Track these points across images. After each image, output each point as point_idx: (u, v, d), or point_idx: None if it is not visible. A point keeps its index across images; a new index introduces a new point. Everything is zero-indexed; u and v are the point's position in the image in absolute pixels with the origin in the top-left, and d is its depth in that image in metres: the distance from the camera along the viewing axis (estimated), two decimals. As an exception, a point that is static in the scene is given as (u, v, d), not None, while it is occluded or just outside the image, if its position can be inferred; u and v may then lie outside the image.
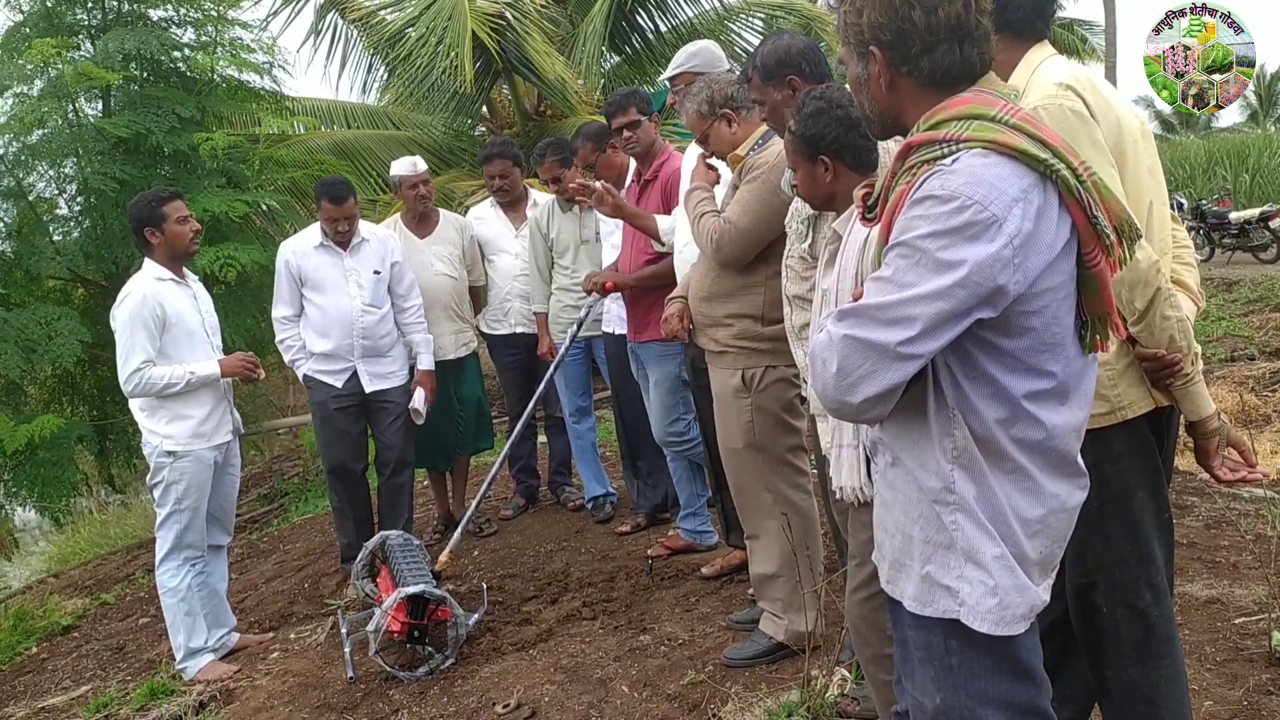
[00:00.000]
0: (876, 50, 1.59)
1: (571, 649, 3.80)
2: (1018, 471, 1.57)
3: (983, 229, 1.44)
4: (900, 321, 1.47)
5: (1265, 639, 3.12)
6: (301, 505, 7.94)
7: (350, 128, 11.39)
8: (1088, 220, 1.52)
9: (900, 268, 1.49)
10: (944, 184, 1.47)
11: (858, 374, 1.50)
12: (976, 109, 1.53)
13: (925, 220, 1.47)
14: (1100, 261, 1.55)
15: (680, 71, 3.99)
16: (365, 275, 4.77)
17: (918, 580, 1.64)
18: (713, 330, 3.40)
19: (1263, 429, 6.44)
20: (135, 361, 4.01)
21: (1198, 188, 20.40)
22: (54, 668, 4.97)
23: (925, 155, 1.53)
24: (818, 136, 2.42)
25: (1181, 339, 2.02)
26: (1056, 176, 1.49)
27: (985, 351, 1.54)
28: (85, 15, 7.30)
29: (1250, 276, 11.71)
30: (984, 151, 1.48)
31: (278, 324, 4.81)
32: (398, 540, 4.28)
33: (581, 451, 5.32)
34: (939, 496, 1.59)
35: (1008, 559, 1.57)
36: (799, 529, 3.30)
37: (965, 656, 1.62)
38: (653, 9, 11.19)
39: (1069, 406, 1.60)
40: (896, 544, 1.69)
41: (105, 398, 7.63)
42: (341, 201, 4.70)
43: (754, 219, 3.20)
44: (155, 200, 4.15)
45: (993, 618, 1.57)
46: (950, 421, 1.57)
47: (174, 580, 4.16)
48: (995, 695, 1.62)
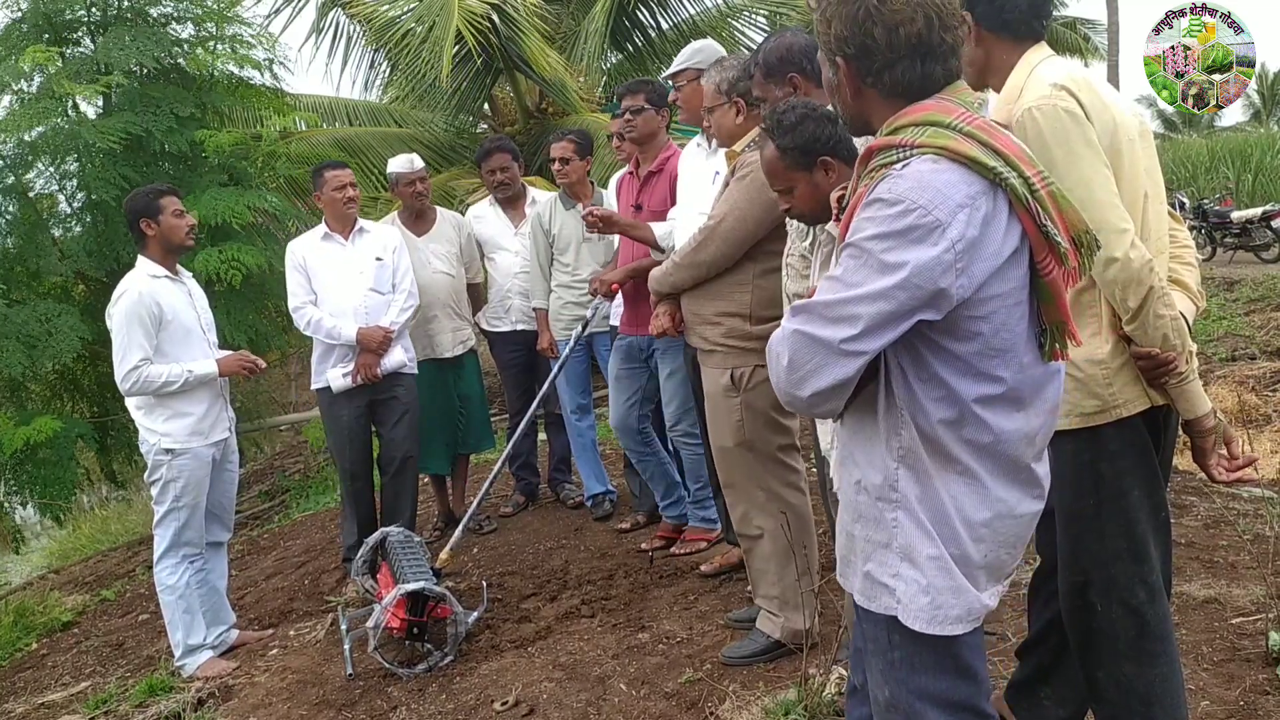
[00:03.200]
0: (841, 61, 1.64)
1: (570, 646, 3.81)
2: (966, 473, 1.60)
3: (926, 233, 1.48)
4: (844, 319, 1.52)
5: (1262, 639, 3.12)
6: (303, 502, 7.96)
7: (352, 125, 11.39)
8: (1038, 229, 1.54)
9: (848, 267, 1.54)
10: (891, 188, 1.52)
11: (806, 369, 1.55)
12: (933, 116, 1.57)
13: (872, 222, 1.52)
14: (1053, 270, 1.57)
15: (683, 68, 4.00)
16: (367, 262, 4.79)
17: (861, 577, 1.70)
18: (702, 329, 3.41)
19: (1263, 429, 6.43)
20: (133, 359, 4.02)
21: (1200, 187, 20.38)
22: (54, 664, 4.98)
23: (883, 160, 1.58)
24: (812, 140, 2.42)
25: (1176, 338, 2.02)
26: (1005, 185, 1.52)
27: (935, 353, 1.57)
28: (85, 12, 7.29)
29: (1252, 276, 11.69)
30: (934, 157, 1.53)
31: (297, 313, 4.78)
32: (398, 537, 4.29)
33: (581, 449, 5.32)
34: (882, 494, 1.64)
35: (945, 560, 1.60)
36: (793, 527, 3.31)
37: (907, 651, 1.67)
38: (654, 6, 11.17)
39: (1024, 413, 1.62)
40: (843, 540, 1.76)
41: (106, 394, 7.64)
42: (341, 167, 4.80)
43: (738, 220, 3.22)
44: (153, 193, 4.20)
45: (925, 616, 1.61)
46: (898, 421, 1.61)
47: (172, 577, 4.16)
48: (935, 691, 1.66)
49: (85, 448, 7.35)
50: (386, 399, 4.84)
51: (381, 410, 4.88)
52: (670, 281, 3.47)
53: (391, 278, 4.83)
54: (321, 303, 4.75)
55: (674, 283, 3.46)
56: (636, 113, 4.29)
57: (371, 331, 4.67)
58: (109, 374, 7.55)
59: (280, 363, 6.80)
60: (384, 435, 4.94)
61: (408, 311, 4.86)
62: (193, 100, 7.05)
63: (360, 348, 4.68)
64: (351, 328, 4.66)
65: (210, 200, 6.61)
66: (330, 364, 4.77)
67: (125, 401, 4.32)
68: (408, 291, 4.87)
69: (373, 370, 4.69)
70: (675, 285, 3.47)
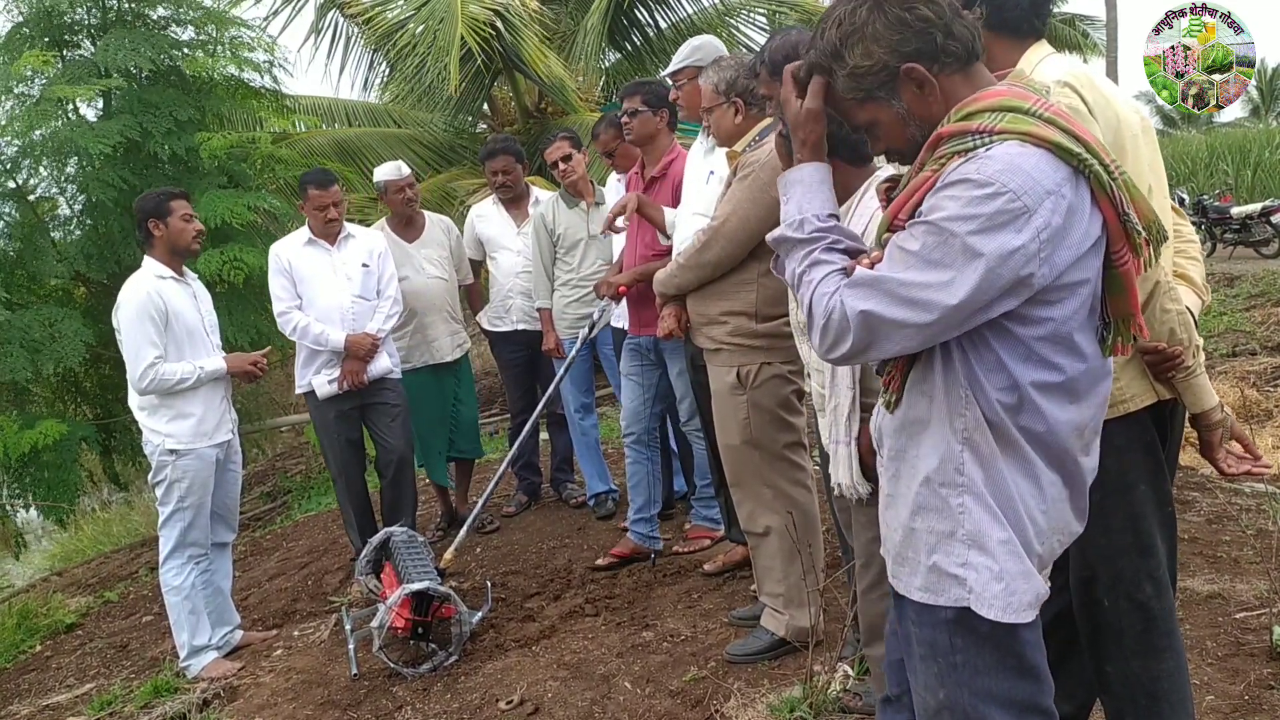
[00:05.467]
0: (913, 64, 1.57)
1: (574, 645, 3.81)
2: (1025, 460, 1.58)
3: (1012, 218, 1.44)
4: (919, 304, 1.49)
5: (1266, 634, 3.13)
6: (304, 503, 7.96)
7: (351, 126, 11.39)
8: (1119, 218, 1.52)
9: (927, 244, 1.49)
10: (980, 169, 1.47)
11: (864, 344, 1.53)
12: (1010, 101, 1.53)
13: (957, 202, 1.47)
14: (1128, 261, 1.55)
15: (683, 66, 3.99)
16: (354, 268, 4.76)
17: (925, 572, 1.64)
18: (707, 328, 3.42)
19: (1264, 424, 6.43)
20: (148, 357, 4.04)
21: (1199, 183, 20.36)
22: (58, 665, 4.98)
23: (957, 146, 1.53)
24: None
25: (1182, 332, 2.02)
26: (1090, 171, 1.49)
27: (998, 337, 1.54)
28: (85, 14, 7.28)
29: (1252, 271, 11.69)
30: (1020, 142, 1.49)
31: (282, 318, 4.75)
32: (402, 537, 4.29)
33: (584, 448, 5.32)
34: (947, 479, 1.59)
35: (1014, 544, 1.57)
36: (799, 525, 3.31)
37: (970, 654, 1.62)
38: (653, 5, 11.17)
39: (1076, 406, 1.59)
40: (898, 539, 1.69)
41: (108, 396, 7.64)
42: (326, 186, 4.74)
43: (741, 220, 3.23)
44: (164, 195, 4.24)
45: (999, 604, 1.57)
46: (961, 401, 1.57)
47: (177, 579, 4.17)
48: (998, 692, 1.62)
49: (88, 450, 7.35)
50: (376, 404, 4.83)
51: (373, 414, 4.86)
52: (675, 283, 3.48)
53: (377, 284, 4.82)
54: (307, 308, 4.72)
55: (679, 284, 3.47)
56: (633, 115, 4.28)
57: (360, 339, 4.65)
58: (111, 376, 7.61)
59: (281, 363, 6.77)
60: (378, 439, 4.93)
61: (393, 318, 4.86)
62: (192, 104, 7.04)
63: (347, 354, 4.66)
64: (339, 334, 4.64)
65: (210, 202, 6.60)
66: (315, 369, 4.75)
67: (129, 402, 4.33)
68: (393, 298, 4.85)
69: (359, 377, 4.68)
70: (680, 287, 3.47)
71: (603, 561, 4.59)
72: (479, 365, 9.35)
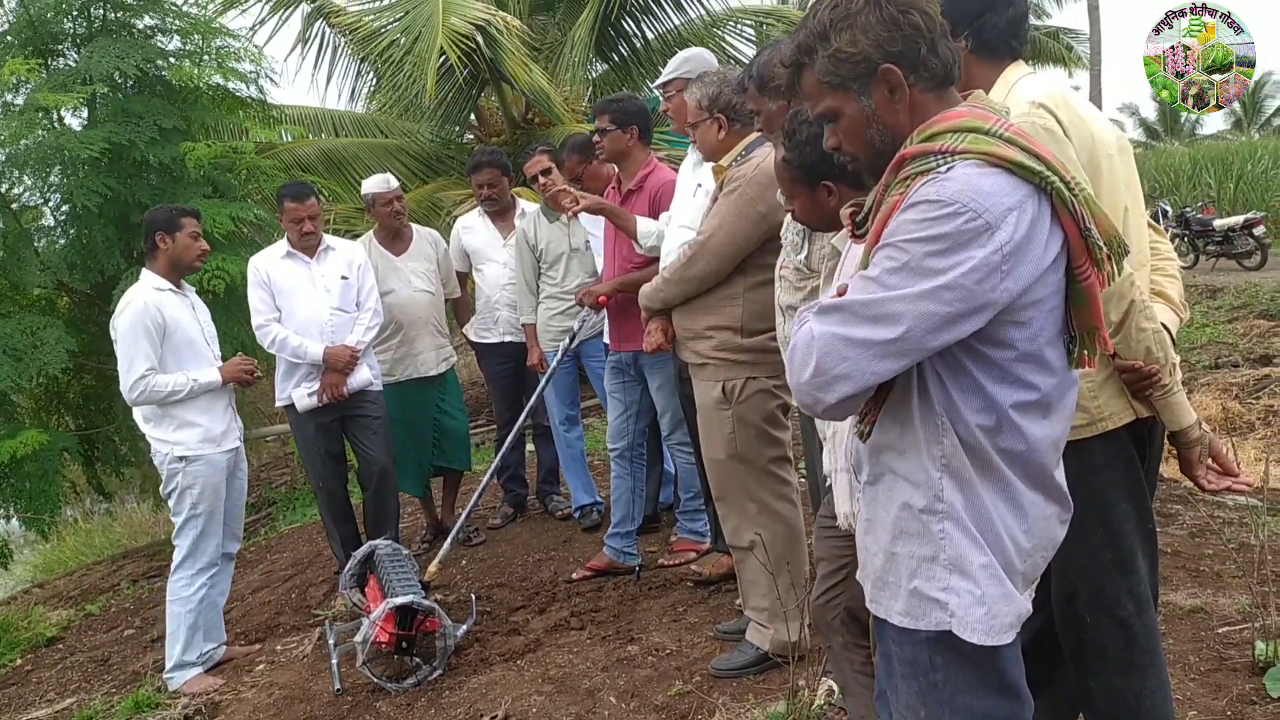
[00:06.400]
0: (892, 65, 1.58)
1: (559, 659, 3.80)
2: (1004, 482, 1.58)
3: (975, 235, 1.45)
4: (884, 319, 1.48)
5: (1249, 649, 3.14)
6: (290, 514, 7.92)
7: (338, 136, 11.36)
8: (1080, 233, 1.53)
9: (888, 268, 1.50)
10: (939, 190, 1.48)
11: (835, 372, 1.51)
12: (971, 122, 1.55)
13: (918, 224, 1.48)
14: (1091, 275, 1.56)
15: (672, 78, 4.00)
16: (333, 280, 4.76)
17: (906, 596, 1.64)
18: (693, 343, 3.43)
19: (1246, 436, 6.47)
20: (140, 369, 4.07)
21: (1182, 195, 20.54)
22: (38, 680, 4.94)
23: (920, 166, 1.54)
24: (818, 163, 2.39)
25: (1158, 350, 2.03)
26: (1051, 188, 1.51)
27: (973, 359, 1.54)
28: (71, 24, 7.25)
29: (1234, 283, 11.79)
30: (979, 163, 1.50)
31: (260, 331, 4.73)
32: (386, 550, 4.28)
33: (570, 460, 5.32)
34: (927, 505, 1.59)
35: (995, 568, 1.58)
36: (783, 539, 3.32)
37: (950, 672, 1.62)
38: (639, 16, 11.18)
39: (1050, 420, 1.61)
40: (879, 563, 1.69)
41: (91, 406, 7.59)
42: (303, 199, 4.73)
43: (727, 235, 3.24)
44: (177, 211, 4.31)
45: (982, 628, 1.57)
46: (938, 429, 1.57)
47: (187, 590, 4.20)
48: (979, 710, 1.62)
49: (70, 460, 7.30)
50: (356, 416, 4.82)
51: (354, 427, 4.86)
52: (661, 298, 3.49)
53: (356, 296, 4.81)
54: (286, 320, 4.70)
55: (665, 299, 3.48)
56: (603, 134, 4.28)
57: (339, 351, 4.65)
58: (94, 386, 7.57)
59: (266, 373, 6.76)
60: (360, 451, 4.92)
61: (373, 330, 4.85)
62: (177, 113, 7.01)
63: (326, 366, 4.65)
64: (318, 347, 4.63)
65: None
66: (294, 382, 4.75)
67: (114, 412, 4.35)
68: (373, 310, 4.84)
69: (339, 390, 4.67)
70: (666, 301, 3.48)
71: (578, 575, 4.59)
72: (465, 375, 9.34)
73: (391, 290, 5.15)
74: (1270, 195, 20.00)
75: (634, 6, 10.95)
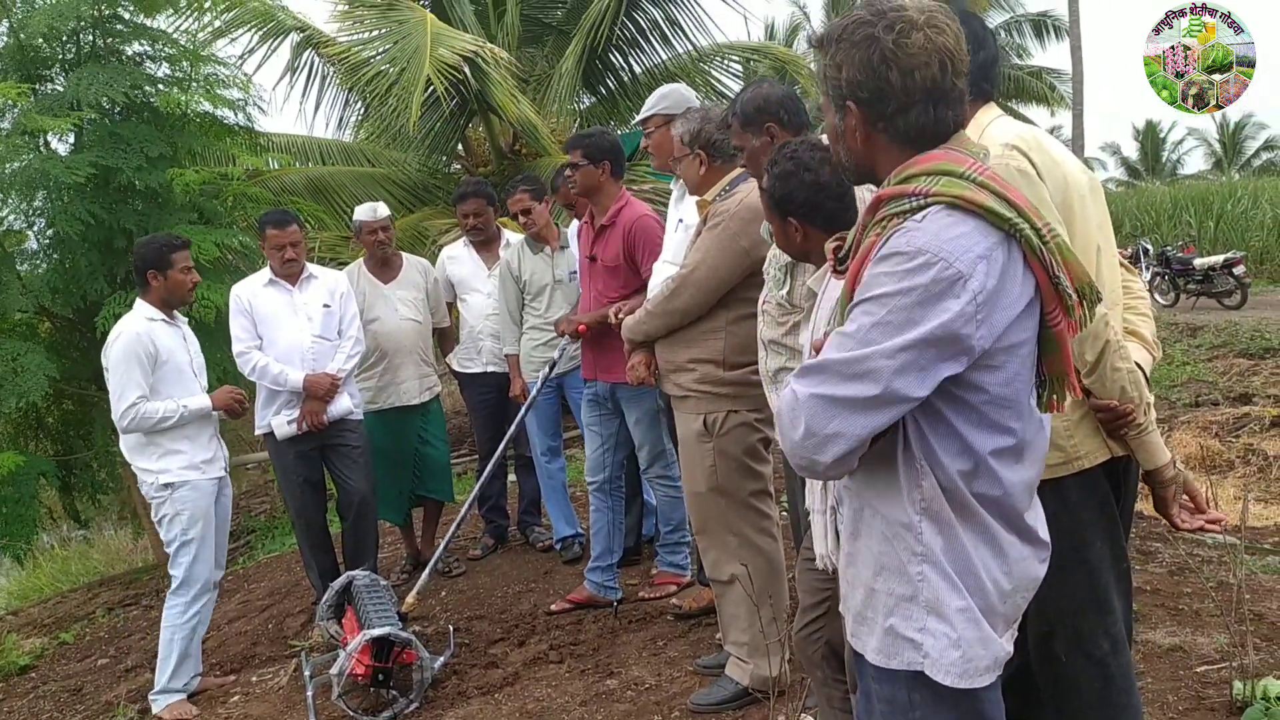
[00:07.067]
0: (854, 106, 1.61)
1: (538, 693, 3.77)
2: (982, 525, 1.59)
3: (949, 285, 1.46)
4: (865, 376, 1.48)
5: (1227, 688, 3.14)
6: (268, 543, 7.86)
7: (325, 164, 11.38)
8: (1050, 280, 1.54)
9: (864, 324, 1.50)
10: (909, 240, 1.50)
11: (826, 432, 1.50)
12: (946, 165, 1.56)
13: (891, 277, 1.49)
14: (1061, 321, 1.57)
15: (652, 114, 4.03)
16: (315, 308, 4.76)
17: (881, 633, 1.64)
18: (675, 375, 3.44)
19: (1226, 474, 6.51)
20: (130, 397, 4.11)
21: (1163, 234, 20.76)
22: (10, 709, 4.87)
23: (894, 208, 1.56)
24: (787, 199, 2.42)
25: (1133, 389, 2.05)
26: (1020, 235, 1.52)
27: (950, 405, 1.55)
28: (60, 50, 7.27)
29: (1214, 322, 11.89)
30: (949, 209, 1.51)
31: (241, 358, 4.72)
32: (364, 581, 4.25)
33: (551, 491, 5.30)
34: (907, 546, 1.59)
35: (973, 611, 1.58)
36: (763, 573, 3.31)
37: (927, 711, 1.62)
38: (627, 50, 11.28)
39: (1023, 464, 1.62)
40: (860, 598, 1.69)
41: (70, 432, 7.53)
42: (284, 226, 4.74)
43: (710, 269, 3.26)
44: (167, 246, 4.31)
45: (956, 670, 1.57)
46: (918, 473, 1.58)
47: (181, 618, 4.24)
48: None
49: (48, 485, 7.23)
50: (336, 445, 4.81)
51: (334, 456, 4.84)
52: (644, 330, 3.50)
53: (339, 324, 4.81)
54: (268, 348, 4.69)
55: (647, 331, 3.49)
56: (574, 169, 4.29)
57: (319, 379, 4.64)
58: (74, 412, 7.51)
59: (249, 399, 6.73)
60: (339, 480, 4.90)
61: (354, 358, 4.84)
62: (164, 139, 7.01)
63: (307, 394, 4.64)
64: (298, 374, 4.63)
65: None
66: (274, 410, 4.73)
67: (94, 439, 4.36)
68: (355, 338, 4.84)
69: (319, 418, 4.66)
70: (649, 333, 3.49)
71: (557, 607, 4.57)
72: (449, 405, 9.30)
73: (377, 318, 5.15)
74: (1250, 235, 20.26)
75: (621, 41, 11.04)
